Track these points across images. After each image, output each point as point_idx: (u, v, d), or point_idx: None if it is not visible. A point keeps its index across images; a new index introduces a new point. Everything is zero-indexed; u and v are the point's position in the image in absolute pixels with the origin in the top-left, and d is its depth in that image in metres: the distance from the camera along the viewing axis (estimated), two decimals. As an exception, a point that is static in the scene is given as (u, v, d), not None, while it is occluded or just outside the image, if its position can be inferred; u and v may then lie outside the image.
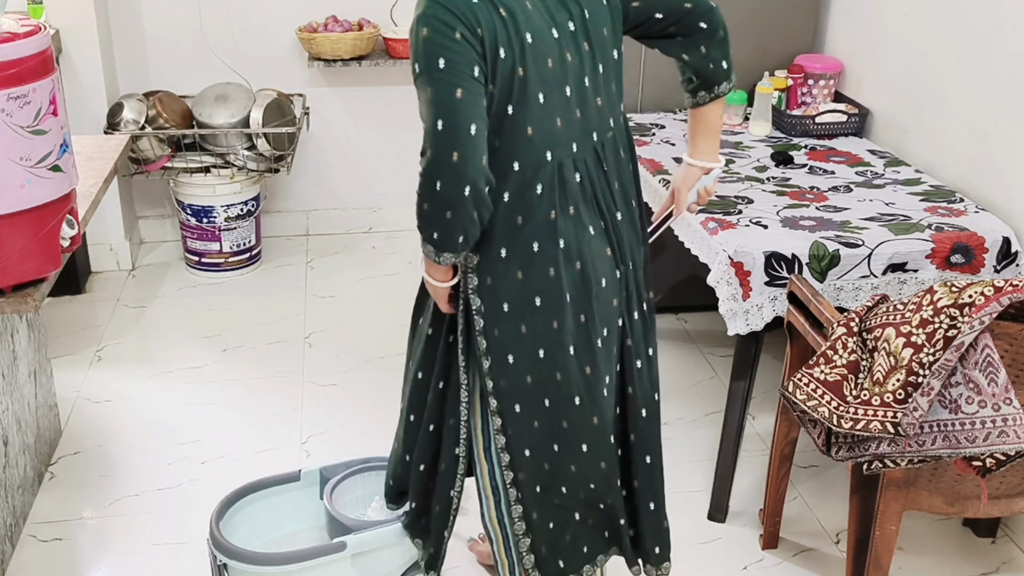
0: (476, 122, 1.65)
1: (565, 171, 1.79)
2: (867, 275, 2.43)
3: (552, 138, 1.77)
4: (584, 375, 1.88)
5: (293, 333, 3.57)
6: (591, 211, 1.85)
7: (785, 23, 3.48)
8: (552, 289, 1.82)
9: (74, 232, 1.92)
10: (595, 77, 1.81)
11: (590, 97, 1.80)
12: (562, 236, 1.81)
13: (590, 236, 1.84)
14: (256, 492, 2.30)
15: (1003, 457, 1.92)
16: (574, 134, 1.80)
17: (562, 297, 1.82)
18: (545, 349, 1.84)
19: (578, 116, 1.79)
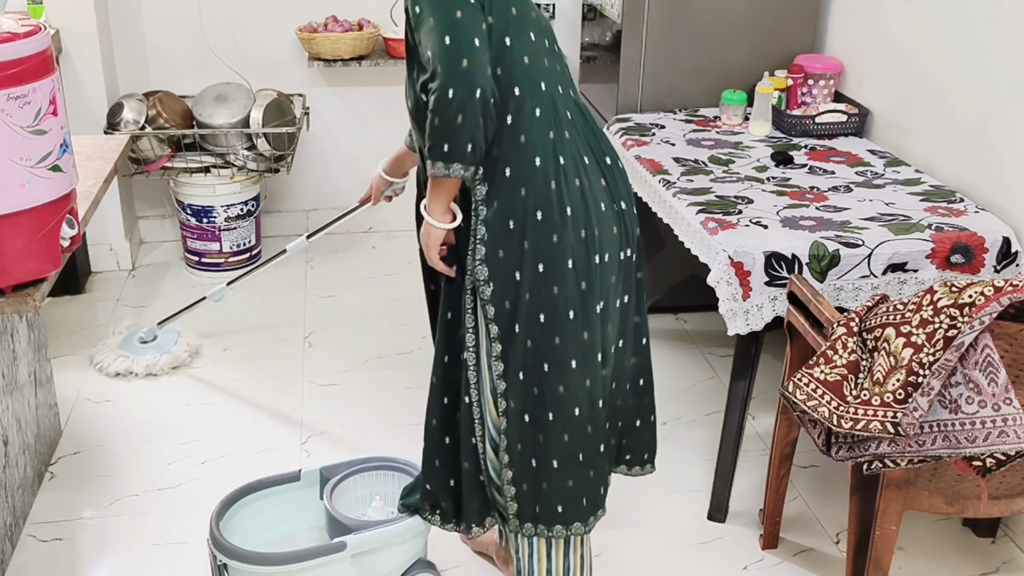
0: (478, 36, 1.79)
1: (558, 103, 1.93)
2: (867, 275, 2.43)
3: (544, 73, 1.92)
4: (580, 289, 1.93)
5: (293, 333, 3.57)
6: (584, 143, 1.97)
7: (785, 23, 3.48)
8: (553, 204, 1.89)
9: (74, 232, 1.92)
10: (556, 47, 1.99)
11: (559, 59, 1.98)
12: (560, 154, 1.91)
13: (586, 164, 1.95)
14: (256, 492, 2.29)
15: (1003, 457, 1.92)
16: (558, 79, 1.95)
17: (563, 211, 1.90)
18: (544, 263, 1.90)
19: (558, 69, 1.96)
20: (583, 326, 1.93)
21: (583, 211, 1.91)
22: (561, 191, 1.89)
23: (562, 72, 1.97)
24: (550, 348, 1.93)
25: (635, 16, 3.37)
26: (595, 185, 1.95)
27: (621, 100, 3.46)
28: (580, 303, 1.92)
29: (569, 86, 1.98)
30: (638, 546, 2.56)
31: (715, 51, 3.46)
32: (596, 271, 1.94)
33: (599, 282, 1.95)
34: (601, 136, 2.02)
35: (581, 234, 1.91)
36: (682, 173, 2.89)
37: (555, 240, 1.89)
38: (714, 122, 3.38)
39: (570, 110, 1.95)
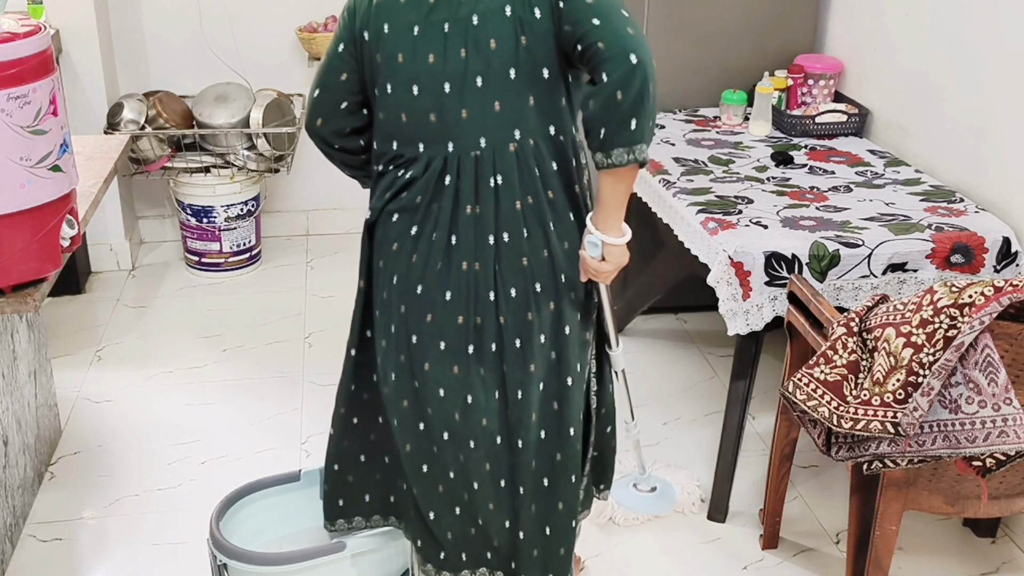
0: (321, 84, 1.94)
1: (410, 165, 1.86)
2: (867, 275, 2.43)
3: (397, 129, 1.85)
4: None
5: (293, 333, 3.57)
6: (446, 217, 1.85)
7: (785, 23, 3.48)
8: (406, 270, 1.91)
9: (74, 232, 1.92)
10: (464, 86, 1.77)
11: (449, 104, 1.78)
12: (414, 224, 1.88)
13: (438, 243, 1.86)
14: (256, 492, 2.29)
15: (1003, 457, 1.92)
16: (430, 134, 1.82)
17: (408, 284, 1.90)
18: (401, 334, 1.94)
19: (432, 119, 1.81)
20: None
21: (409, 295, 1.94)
22: (414, 262, 1.94)
23: (441, 123, 1.84)
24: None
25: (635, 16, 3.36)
26: (434, 267, 1.94)
27: (621, 100, 3.45)
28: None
29: (455, 139, 1.85)
30: (638, 546, 2.56)
31: (715, 51, 3.46)
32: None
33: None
34: (532, 188, 1.89)
35: (401, 310, 1.96)
36: (682, 173, 2.89)
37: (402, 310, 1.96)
38: (714, 122, 3.38)
39: (454, 172, 1.90)
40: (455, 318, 1.86)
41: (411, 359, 1.91)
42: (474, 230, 1.83)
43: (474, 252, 1.84)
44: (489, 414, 1.92)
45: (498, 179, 1.82)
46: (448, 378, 1.89)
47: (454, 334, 1.87)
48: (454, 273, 1.85)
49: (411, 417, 1.96)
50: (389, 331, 1.92)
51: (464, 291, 1.85)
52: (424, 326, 1.88)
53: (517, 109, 1.79)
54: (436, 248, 1.86)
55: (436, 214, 1.85)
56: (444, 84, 1.78)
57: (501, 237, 1.84)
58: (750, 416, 3.02)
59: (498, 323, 1.86)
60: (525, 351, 1.88)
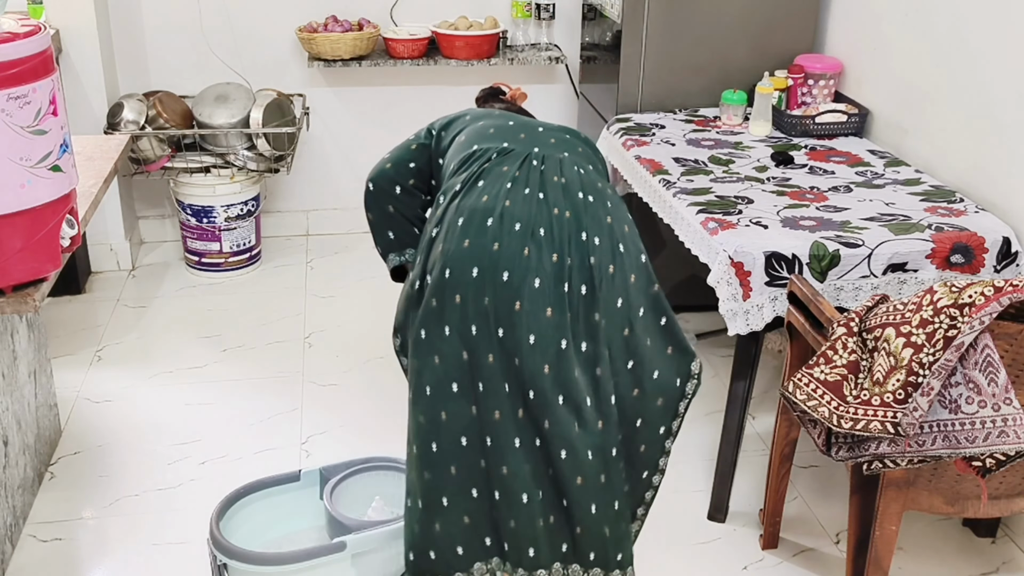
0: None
1: (493, 151, 2.05)
2: (867, 275, 2.43)
3: (481, 138, 2.09)
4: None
5: (293, 333, 3.57)
6: (536, 178, 1.99)
7: (785, 23, 3.48)
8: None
9: (74, 232, 1.92)
10: (547, 137, 2.09)
11: (536, 134, 2.10)
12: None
13: (531, 196, 1.93)
14: (256, 492, 2.29)
15: (1003, 457, 1.92)
16: (516, 142, 2.05)
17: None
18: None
19: (522, 137, 2.08)
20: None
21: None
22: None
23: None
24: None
25: (635, 16, 3.37)
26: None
27: (621, 100, 3.46)
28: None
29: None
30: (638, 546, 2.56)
31: (715, 51, 3.46)
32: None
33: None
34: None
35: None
36: (682, 173, 2.89)
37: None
38: (714, 122, 3.38)
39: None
40: (551, 254, 1.85)
41: (496, 301, 1.81)
42: (563, 190, 1.92)
43: (564, 201, 1.91)
44: (581, 364, 1.85)
45: (580, 171, 1.99)
46: (541, 321, 1.82)
47: (548, 275, 1.83)
48: (545, 218, 1.88)
49: (495, 377, 1.84)
50: (469, 278, 1.82)
51: (556, 232, 1.87)
52: (521, 260, 1.82)
53: (587, 157, 2.07)
54: (530, 198, 1.90)
55: (526, 175, 1.93)
56: (537, 127, 2.10)
57: (587, 197, 1.93)
58: (750, 416, 3.03)
59: (589, 263, 1.87)
60: (606, 301, 1.87)
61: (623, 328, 1.88)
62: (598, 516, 1.89)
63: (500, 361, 1.81)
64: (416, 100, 4.23)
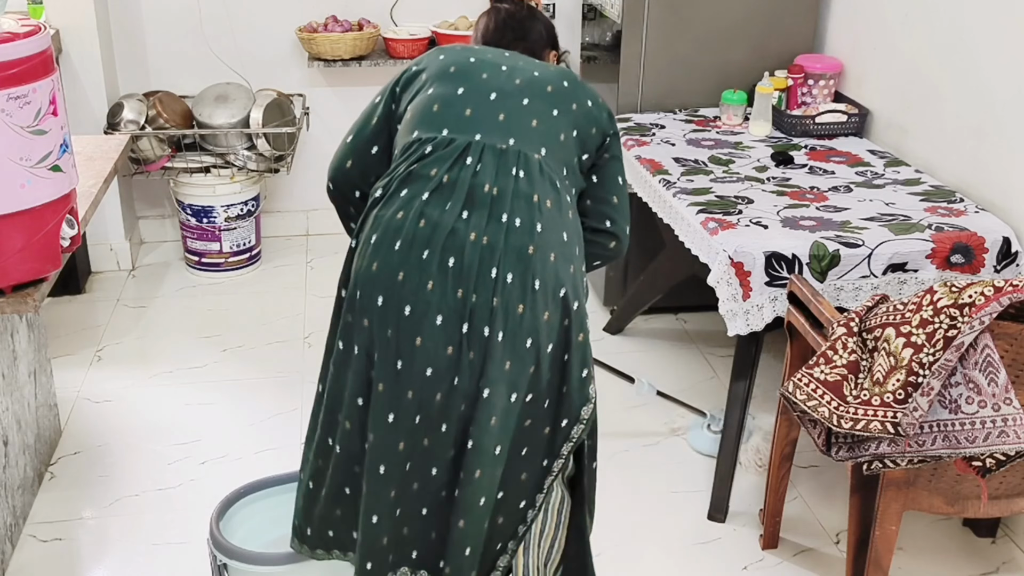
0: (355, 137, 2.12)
1: (429, 143, 1.91)
2: (867, 275, 2.43)
3: (424, 119, 1.93)
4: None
5: (293, 333, 3.57)
6: (463, 191, 1.87)
7: (785, 23, 3.48)
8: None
9: (74, 232, 1.92)
10: (507, 98, 1.93)
11: (487, 106, 1.92)
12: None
13: (450, 212, 1.83)
14: (256, 492, 2.29)
15: (1003, 457, 1.92)
16: (459, 124, 1.91)
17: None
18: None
19: (467, 113, 1.91)
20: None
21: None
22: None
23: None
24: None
25: (635, 16, 3.37)
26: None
27: (621, 100, 3.46)
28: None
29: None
30: (638, 546, 2.56)
31: (715, 51, 3.46)
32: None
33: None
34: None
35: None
36: (682, 173, 2.89)
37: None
38: (714, 122, 3.38)
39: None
40: (455, 292, 1.78)
41: (399, 334, 1.79)
42: (489, 208, 1.80)
43: (485, 225, 1.80)
44: (468, 401, 1.82)
45: (520, 173, 1.84)
46: (441, 358, 1.79)
47: (451, 311, 1.78)
48: (459, 245, 1.78)
49: (384, 405, 1.84)
50: (375, 305, 1.81)
51: (467, 265, 1.78)
52: (424, 294, 1.77)
53: (550, 135, 1.91)
54: (447, 217, 1.79)
55: (453, 183, 1.82)
56: (490, 94, 1.91)
57: (514, 219, 1.81)
58: (750, 416, 3.02)
59: (492, 304, 1.78)
60: (506, 345, 1.79)
61: (529, 366, 1.82)
62: (460, 530, 1.88)
63: (391, 391, 1.82)
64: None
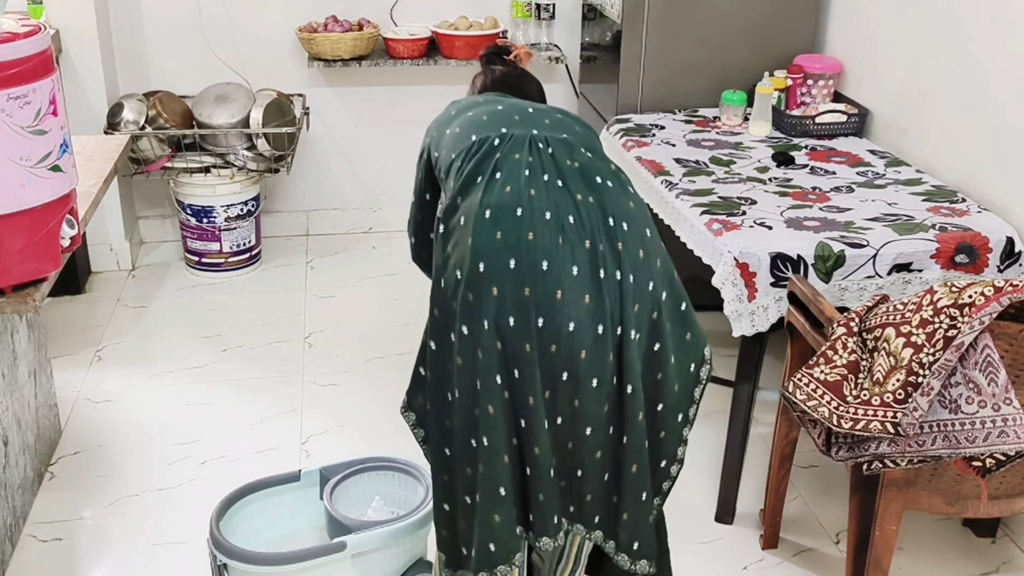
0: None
1: (491, 140, 1.97)
2: (872, 275, 2.43)
3: (477, 126, 2.00)
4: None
5: (293, 333, 3.57)
6: (551, 164, 1.94)
7: (785, 23, 3.48)
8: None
9: (74, 232, 1.91)
10: (546, 119, 2.00)
11: (532, 117, 2.00)
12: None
13: (550, 182, 1.90)
14: (256, 492, 2.29)
15: (1003, 457, 1.92)
16: (513, 125, 1.98)
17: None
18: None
19: (516, 119, 1.99)
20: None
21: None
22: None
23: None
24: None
25: (635, 16, 3.37)
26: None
27: (621, 100, 3.46)
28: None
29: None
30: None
31: (715, 51, 3.46)
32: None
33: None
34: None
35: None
36: (684, 174, 2.89)
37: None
38: (714, 122, 3.37)
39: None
40: (583, 242, 1.83)
41: (537, 290, 1.81)
42: (580, 175, 1.88)
43: (585, 187, 1.87)
44: (614, 351, 1.85)
45: (588, 153, 1.93)
46: (580, 307, 1.82)
47: (584, 262, 1.82)
48: (571, 205, 1.85)
49: (531, 366, 1.84)
50: (507, 269, 1.81)
51: (584, 219, 1.84)
52: (558, 249, 1.81)
53: (587, 139, 1.98)
54: (551, 186, 1.86)
55: (539, 161, 1.89)
56: (528, 108, 2.01)
57: (606, 181, 1.89)
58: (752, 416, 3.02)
59: (619, 249, 1.84)
60: (636, 288, 1.85)
61: (652, 312, 1.88)
62: (608, 488, 1.93)
63: (536, 350, 1.82)
64: (416, 100, 4.23)
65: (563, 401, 1.85)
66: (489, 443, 1.84)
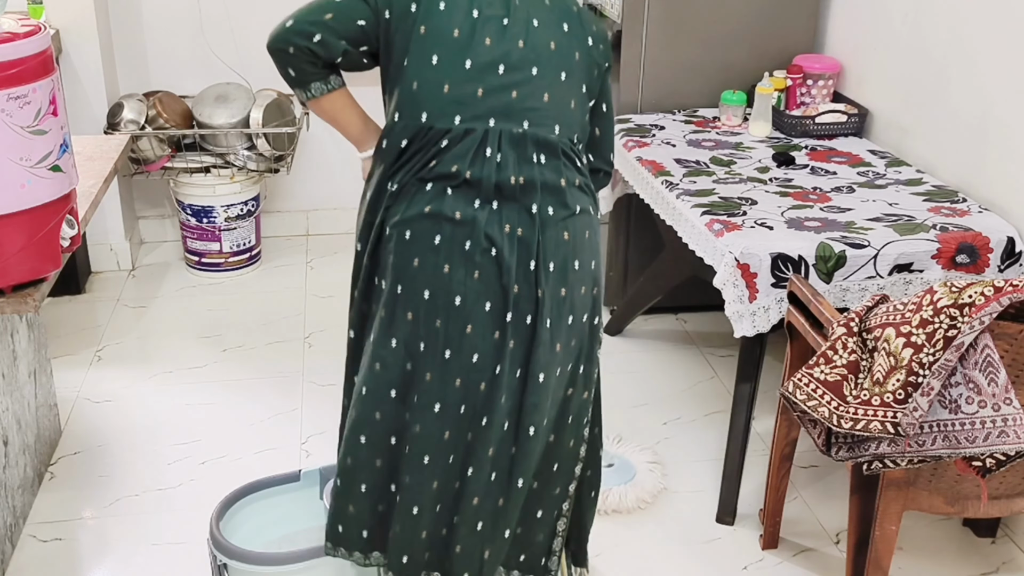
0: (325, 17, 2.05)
1: (445, 136, 1.87)
2: (873, 276, 2.43)
3: (433, 100, 1.87)
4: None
5: (293, 333, 3.57)
6: (490, 185, 1.86)
7: (785, 23, 3.48)
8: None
9: (74, 232, 1.92)
10: (519, 70, 1.85)
11: (499, 82, 1.84)
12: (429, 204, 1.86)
13: (481, 209, 1.85)
14: (256, 492, 2.29)
15: (1003, 457, 1.92)
16: (472, 109, 1.84)
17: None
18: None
19: (479, 94, 1.84)
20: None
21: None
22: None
23: (488, 97, 1.85)
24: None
25: (635, 16, 3.37)
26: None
27: (621, 101, 3.46)
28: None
29: (501, 115, 1.86)
30: (638, 546, 2.56)
31: (715, 51, 3.46)
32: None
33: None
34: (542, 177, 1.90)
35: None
36: (684, 174, 2.89)
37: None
38: (714, 123, 3.37)
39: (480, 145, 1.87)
40: (499, 280, 1.83)
41: (448, 323, 1.84)
42: (518, 198, 1.84)
43: (517, 219, 1.84)
44: (509, 391, 1.87)
45: (541, 158, 1.86)
46: (488, 343, 1.84)
47: (497, 299, 1.83)
48: (496, 236, 1.83)
49: (430, 394, 1.88)
50: (421, 297, 1.84)
51: (507, 257, 1.82)
52: (472, 283, 1.82)
53: (562, 105, 1.88)
54: (481, 211, 1.83)
55: (479, 176, 1.83)
56: (499, 66, 1.84)
57: (546, 208, 1.85)
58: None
59: (536, 295, 1.84)
60: (554, 330, 1.87)
61: (572, 339, 1.91)
62: (480, 535, 1.95)
63: (439, 380, 1.86)
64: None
65: (460, 438, 1.90)
66: (366, 442, 1.96)
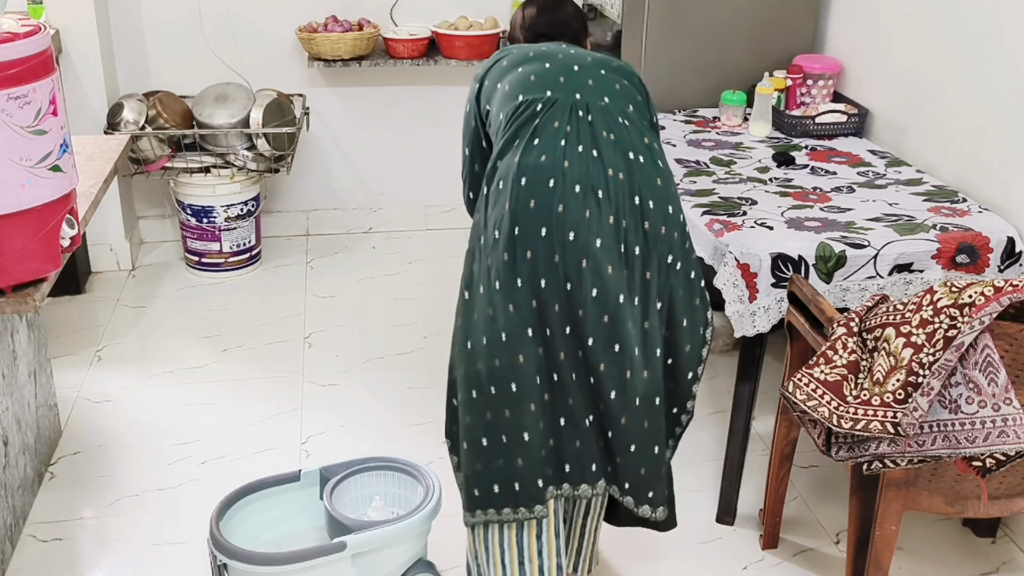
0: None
1: (538, 102, 2.05)
2: (873, 276, 2.43)
3: (525, 87, 2.07)
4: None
5: (293, 333, 3.57)
6: (587, 136, 2.02)
7: (785, 23, 3.48)
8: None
9: (74, 232, 1.92)
10: (588, 73, 2.09)
11: (576, 76, 2.07)
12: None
13: (584, 154, 2.00)
14: (256, 492, 2.29)
15: (1003, 457, 1.92)
16: (557, 87, 2.06)
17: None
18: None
19: (561, 80, 2.06)
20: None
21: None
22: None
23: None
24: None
25: (635, 16, 3.37)
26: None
27: (621, 100, 3.45)
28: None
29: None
30: (638, 545, 2.56)
31: (715, 51, 3.46)
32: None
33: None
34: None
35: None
36: (685, 174, 2.89)
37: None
38: (714, 123, 3.37)
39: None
40: (608, 217, 1.94)
41: (565, 258, 1.94)
42: (614, 148, 1.98)
43: (617, 161, 1.97)
44: (632, 318, 1.98)
45: (626, 123, 2.03)
46: (602, 277, 1.95)
47: (608, 235, 1.95)
48: (602, 179, 1.96)
49: (561, 322, 1.98)
50: (539, 236, 1.94)
51: (612, 195, 1.95)
52: (584, 222, 1.94)
53: (627, 98, 2.09)
54: (585, 157, 1.96)
55: (576, 131, 1.98)
56: (573, 66, 2.08)
57: (638, 157, 2.00)
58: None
59: (643, 227, 1.97)
60: (652, 259, 2.00)
61: (669, 282, 2.03)
62: (636, 456, 2.04)
63: (565, 311, 1.96)
64: (416, 100, 4.23)
65: (593, 364, 1.98)
66: (517, 390, 1.98)
